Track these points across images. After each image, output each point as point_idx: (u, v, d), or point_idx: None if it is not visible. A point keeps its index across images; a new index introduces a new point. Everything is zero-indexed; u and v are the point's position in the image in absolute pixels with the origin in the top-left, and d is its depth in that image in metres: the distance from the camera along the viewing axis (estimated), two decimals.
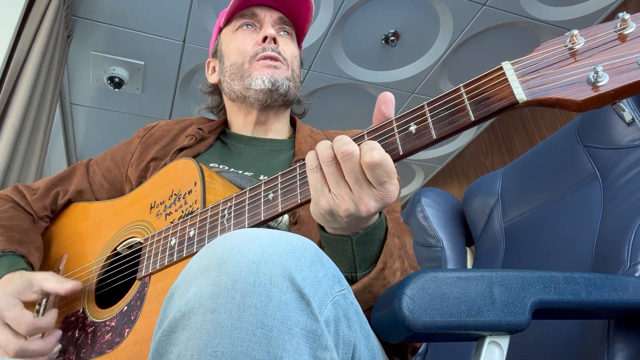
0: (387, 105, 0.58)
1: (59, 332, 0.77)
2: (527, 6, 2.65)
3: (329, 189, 0.57)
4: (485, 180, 1.27)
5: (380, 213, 0.63)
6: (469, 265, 1.26)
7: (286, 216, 0.87)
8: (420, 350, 1.18)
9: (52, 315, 0.77)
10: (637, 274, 0.72)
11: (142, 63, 2.84)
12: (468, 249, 1.29)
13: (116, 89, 2.95)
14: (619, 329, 0.68)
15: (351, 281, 0.64)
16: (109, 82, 2.90)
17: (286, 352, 0.42)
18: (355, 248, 0.62)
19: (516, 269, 0.74)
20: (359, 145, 0.55)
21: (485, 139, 3.57)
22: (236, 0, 1.00)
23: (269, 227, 0.86)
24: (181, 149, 0.96)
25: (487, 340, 0.55)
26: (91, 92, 3.05)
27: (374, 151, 0.53)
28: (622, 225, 0.80)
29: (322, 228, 0.64)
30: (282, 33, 1.03)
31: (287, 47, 1.01)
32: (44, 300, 0.80)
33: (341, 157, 0.54)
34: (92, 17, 2.54)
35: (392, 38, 2.80)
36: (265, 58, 0.96)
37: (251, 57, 0.97)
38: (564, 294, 0.57)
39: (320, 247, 0.85)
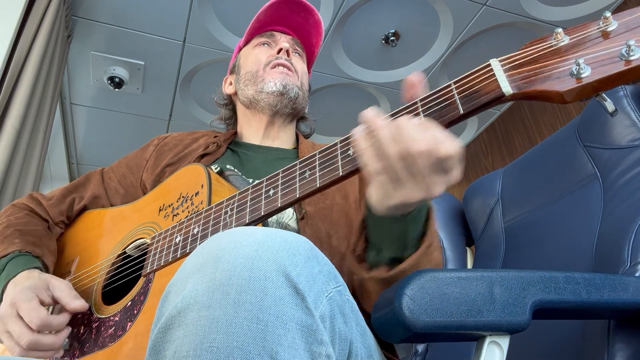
0: (415, 88, 0.58)
1: (69, 329, 0.78)
2: (527, 6, 2.65)
3: (396, 186, 0.55)
4: (485, 180, 1.27)
5: None
6: (469, 265, 1.26)
7: (292, 213, 0.89)
8: (420, 350, 1.18)
9: (65, 317, 0.78)
10: (637, 274, 0.72)
11: (142, 63, 2.84)
12: (468, 249, 1.29)
13: (116, 89, 2.95)
14: (619, 329, 0.68)
15: (399, 261, 0.63)
16: (109, 82, 2.90)
17: (281, 346, 0.42)
18: (409, 227, 0.61)
19: (516, 269, 0.74)
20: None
21: (485, 139, 3.57)
22: (256, 22, 1.10)
23: (280, 224, 0.87)
24: (203, 155, 1.01)
25: (487, 340, 0.55)
26: (91, 92, 3.05)
27: (448, 143, 0.52)
28: (622, 225, 0.80)
29: (370, 210, 0.62)
30: (294, 53, 1.12)
31: (299, 64, 1.10)
32: (57, 308, 0.82)
33: (416, 155, 0.52)
34: (92, 17, 2.54)
35: (392, 38, 2.80)
36: (278, 65, 1.04)
37: (265, 65, 1.06)
38: (564, 294, 0.57)
39: (326, 240, 0.86)
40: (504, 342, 0.55)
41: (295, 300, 0.45)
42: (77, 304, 0.80)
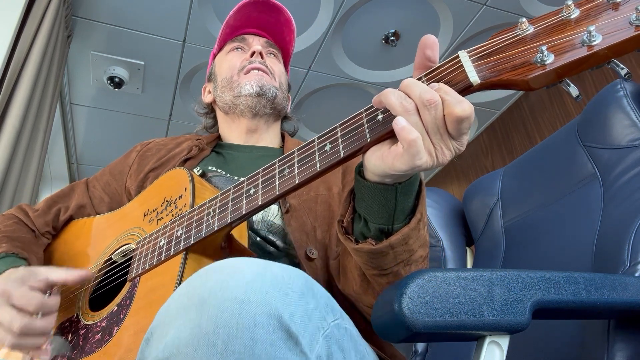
0: (432, 48, 0.56)
1: (56, 314, 0.78)
2: (527, 6, 2.66)
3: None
4: (485, 180, 1.27)
5: None
6: (469, 265, 1.26)
7: (277, 210, 0.89)
8: (420, 350, 1.18)
9: (58, 298, 0.78)
10: (637, 274, 0.72)
11: (142, 63, 2.84)
12: (468, 249, 1.29)
13: (116, 89, 2.95)
14: (619, 329, 0.68)
15: (386, 233, 0.62)
16: (109, 82, 2.90)
17: None
18: (398, 198, 0.59)
19: (516, 269, 0.74)
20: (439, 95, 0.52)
21: (485, 139, 3.57)
22: (226, 28, 1.10)
23: (265, 223, 0.87)
24: (186, 160, 1.00)
25: (487, 340, 0.55)
26: (91, 92, 3.05)
27: (464, 103, 0.50)
28: (622, 225, 0.80)
29: (361, 176, 0.61)
30: (269, 54, 1.12)
31: (274, 65, 1.10)
32: (48, 292, 0.81)
33: (426, 105, 0.51)
34: (92, 17, 2.54)
35: (392, 38, 2.80)
36: (252, 69, 1.04)
37: (239, 70, 1.06)
38: (564, 294, 0.57)
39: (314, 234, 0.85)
40: (504, 342, 0.55)
41: (289, 345, 0.42)
42: (76, 273, 0.80)
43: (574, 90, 0.50)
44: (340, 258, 0.81)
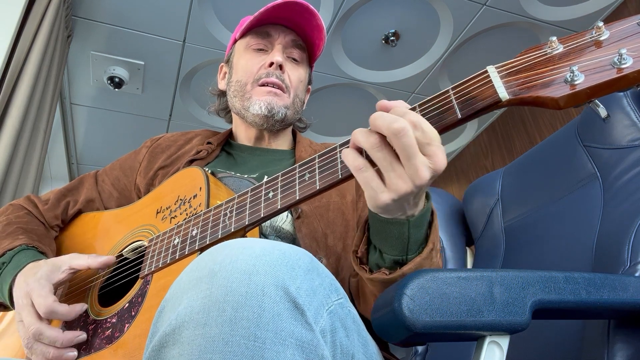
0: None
1: (83, 335, 0.76)
2: (527, 6, 2.65)
3: (384, 182, 0.53)
4: (485, 180, 1.27)
5: (428, 198, 0.62)
6: (469, 265, 1.26)
7: (287, 214, 0.89)
8: (420, 350, 1.18)
9: (74, 307, 0.76)
10: (637, 274, 0.72)
11: (142, 63, 2.84)
12: (468, 249, 1.29)
13: (116, 89, 2.95)
14: (619, 329, 0.68)
15: (401, 264, 0.63)
16: (109, 82, 2.90)
17: None
18: (411, 231, 0.60)
19: (516, 269, 0.74)
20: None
21: (485, 139, 3.57)
22: (254, 19, 1.01)
23: (273, 228, 0.87)
24: (192, 161, 0.99)
25: (487, 340, 0.55)
26: (91, 92, 3.05)
27: (424, 124, 0.51)
28: (622, 225, 0.80)
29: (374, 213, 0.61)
30: (292, 58, 1.04)
31: (294, 72, 1.03)
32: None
33: (394, 134, 0.50)
34: (92, 17, 2.54)
35: (392, 38, 2.80)
36: (267, 84, 0.98)
37: (255, 80, 0.99)
38: (564, 294, 0.57)
39: (319, 257, 0.85)
40: (504, 342, 0.55)
41: (295, 315, 0.44)
42: (100, 259, 0.80)
43: (602, 111, 0.50)
44: (360, 281, 0.80)
